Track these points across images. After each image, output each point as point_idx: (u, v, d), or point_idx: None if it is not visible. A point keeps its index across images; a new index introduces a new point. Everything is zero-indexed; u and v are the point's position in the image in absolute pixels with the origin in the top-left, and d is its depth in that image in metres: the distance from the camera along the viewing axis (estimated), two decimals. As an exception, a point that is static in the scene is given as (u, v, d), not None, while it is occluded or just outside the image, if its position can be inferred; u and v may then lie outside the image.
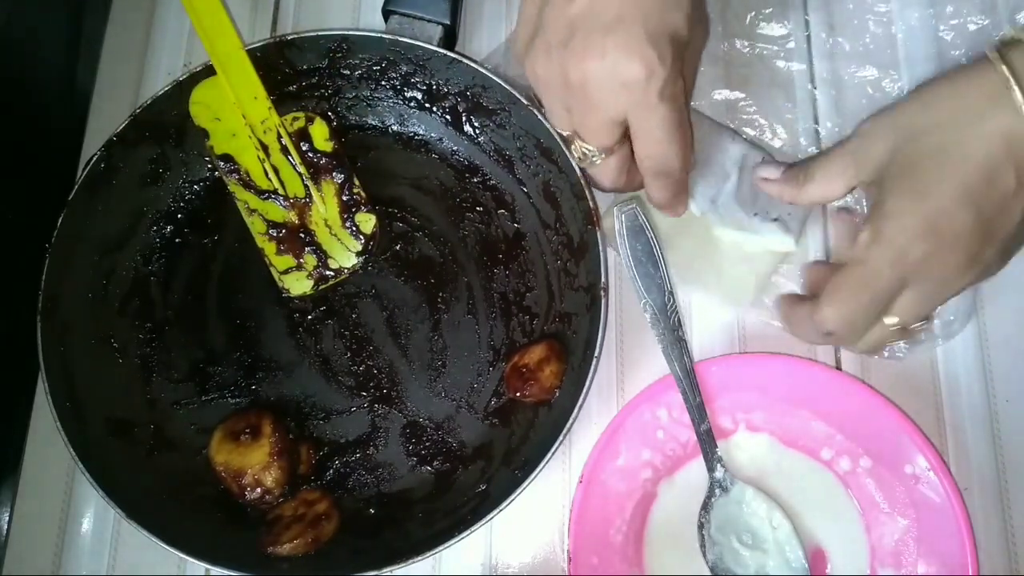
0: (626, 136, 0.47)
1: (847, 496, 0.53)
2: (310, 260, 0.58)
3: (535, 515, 0.55)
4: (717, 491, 0.52)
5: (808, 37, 0.61)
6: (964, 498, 0.50)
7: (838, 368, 0.56)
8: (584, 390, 0.50)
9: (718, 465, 0.52)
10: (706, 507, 0.52)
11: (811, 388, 0.53)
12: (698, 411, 0.51)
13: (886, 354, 0.55)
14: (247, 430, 0.53)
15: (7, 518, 0.57)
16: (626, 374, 0.57)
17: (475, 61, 0.56)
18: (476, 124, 0.59)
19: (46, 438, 0.57)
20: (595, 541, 0.51)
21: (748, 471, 0.54)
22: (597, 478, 0.52)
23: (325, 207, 0.58)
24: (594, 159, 0.50)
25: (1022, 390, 0.55)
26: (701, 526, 0.52)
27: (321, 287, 0.58)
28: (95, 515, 0.57)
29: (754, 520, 0.52)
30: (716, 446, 0.52)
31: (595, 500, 0.52)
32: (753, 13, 0.61)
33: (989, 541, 0.52)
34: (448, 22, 0.57)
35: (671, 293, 0.51)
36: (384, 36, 0.56)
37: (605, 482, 0.52)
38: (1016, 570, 0.52)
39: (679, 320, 0.52)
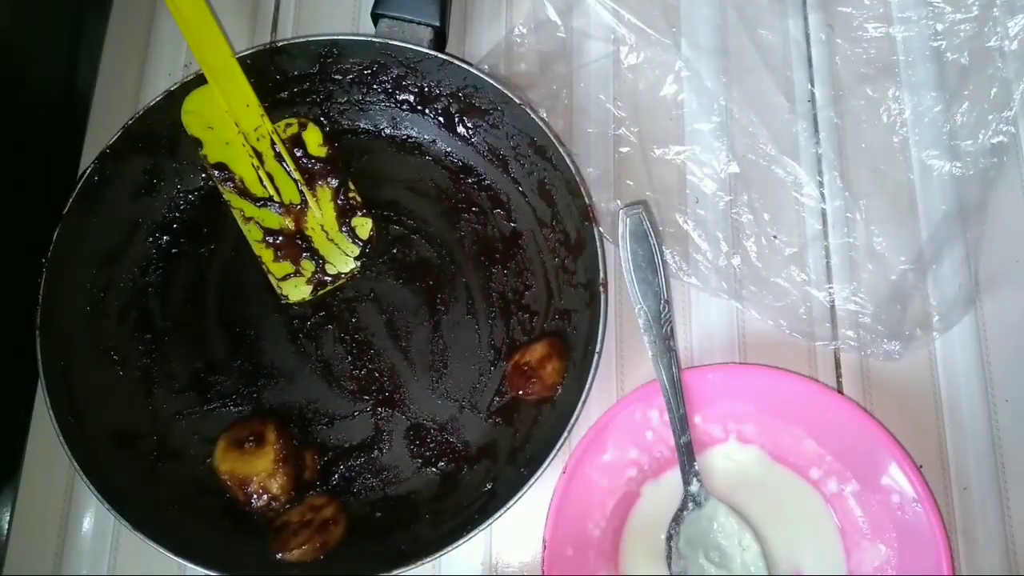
0: None
1: (830, 518, 0.53)
2: (308, 266, 0.58)
3: (535, 514, 0.54)
4: (690, 505, 0.52)
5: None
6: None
7: (839, 385, 0.55)
8: (587, 386, 0.50)
9: (694, 479, 0.52)
10: (677, 519, 0.52)
11: (807, 407, 0.52)
12: (680, 423, 0.51)
13: (881, 356, 0.54)
14: (251, 438, 0.53)
15: (7, 519, 0.57)
16: (626, 371, 0.57)
17: (466, 62, 0.56)
18: (469, 125, 0.59)
19: (46, 438, 0.56)
20: (572, 533, 0.51)
21: (734, 482, 0.53)
22: (581, 471, 0.51)
23: (321, 212, 0.58)
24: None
25: (1021, 390, 0.55)
26: (670, 537, 0.52)
27: (320, 292, 0.58)
28: (95, 516, 0.56)
29: (723, 539, 0.52)
30: (695, 460, 0.52)
31: (577, 492, 0.51)
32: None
33: (988, 541, 0.52)
34: (437, 24, 0.57)
35: (667, 301, 0.52)
36: (374, 40, 0.56)
37: (589, 476, 0.52)
38: (1016, 570, 0.52)
39: (672, 329, 0.52)
